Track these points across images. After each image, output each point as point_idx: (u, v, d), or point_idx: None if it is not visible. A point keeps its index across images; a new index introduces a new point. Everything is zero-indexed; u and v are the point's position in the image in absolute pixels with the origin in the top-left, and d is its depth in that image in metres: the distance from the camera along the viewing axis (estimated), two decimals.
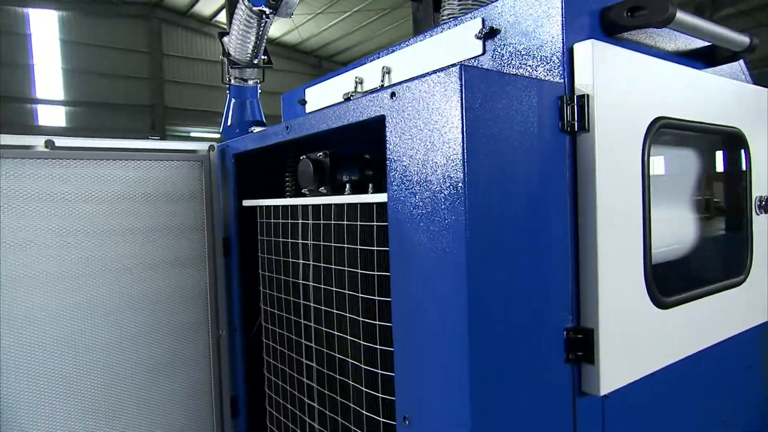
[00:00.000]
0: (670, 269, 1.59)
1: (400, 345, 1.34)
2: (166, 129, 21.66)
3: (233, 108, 4.52)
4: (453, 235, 1.14)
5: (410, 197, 1.26)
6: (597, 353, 1.32)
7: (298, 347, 1.91)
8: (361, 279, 1.55)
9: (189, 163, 2.19)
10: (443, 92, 1.15)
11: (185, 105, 22.52)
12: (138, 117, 20.89)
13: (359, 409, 1.59)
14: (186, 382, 2.18)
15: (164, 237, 2.12)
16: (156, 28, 21.48)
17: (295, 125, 1.75)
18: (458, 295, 1.14)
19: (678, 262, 1.64)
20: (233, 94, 4.50)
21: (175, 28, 22.20)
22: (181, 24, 22.26)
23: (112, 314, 1.99)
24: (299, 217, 1.85)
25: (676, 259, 1.68)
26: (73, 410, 1.89)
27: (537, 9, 1.41)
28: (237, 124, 4.53)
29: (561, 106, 1.32)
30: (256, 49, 4.23)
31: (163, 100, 21.92)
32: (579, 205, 1.35)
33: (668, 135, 1.63)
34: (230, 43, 4.23)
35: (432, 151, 1.19)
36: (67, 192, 1.90)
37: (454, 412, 1.16)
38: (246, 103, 4.53)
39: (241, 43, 4.15)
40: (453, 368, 1.16)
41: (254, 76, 4.46)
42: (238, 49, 4.21)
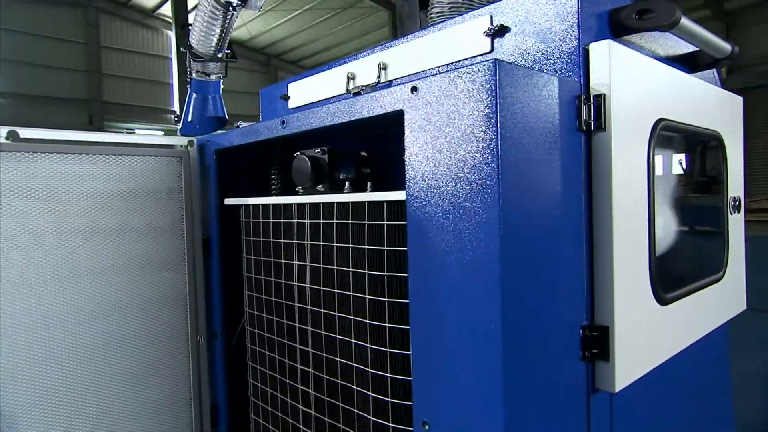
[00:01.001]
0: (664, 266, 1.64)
1: (419, 348, 1.30)
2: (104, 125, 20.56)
3: (194, 103, 4.33)
4: (485, 232, 1.11)
5: (433, 195, 1.22)
6: (612, 350, 1.33)
7: (291, 352, 1.83)
8: (369, 280, 1.50)
9: (167, 159, 2.05)
10: (475, 86, 1.13)
11: (125, 100, 21.47)
12: (74, 111, 19.71)
13: (365, 415, 1.54)
14: (165, 390, 2.04)
15: (141, 237, 1.97)
16: (93, 18, 20.35)
17: (293, 120, 1.67)
18: (490, 294, 1.11)
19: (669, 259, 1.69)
20: (194, 88, 4.31)
21: (114, 19, 21.12)
22: (120, 15, 21.20)
23: (85, 322, 1.83)
24: (294, 216, 1.77)
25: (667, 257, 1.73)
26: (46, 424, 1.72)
27: (550, 8, 1.41)
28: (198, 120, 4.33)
29: (578, 105, 1.33)
30: (221, 43, 4.07)
31: (101, 94, 20.79)
32: (594, 204, 1.36)
33: (662, 137, 1.68)
34: (193, 36, 4.05)
35: (460, 147, 1.16)
36: (33, 188, 1.73)
37: (485, 415, 1.14)
38: (208, 99, 4.34)
39: (204, 35, 3.98)
40: (483, 370, 1.13)
41: (217, 71, 4.29)
42: (202, 42, 4.03)
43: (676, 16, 1.39)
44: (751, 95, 13.53)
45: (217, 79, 4.34)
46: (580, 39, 1.35)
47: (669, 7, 1.38)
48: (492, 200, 1.10)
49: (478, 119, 1.12)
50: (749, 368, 4.70)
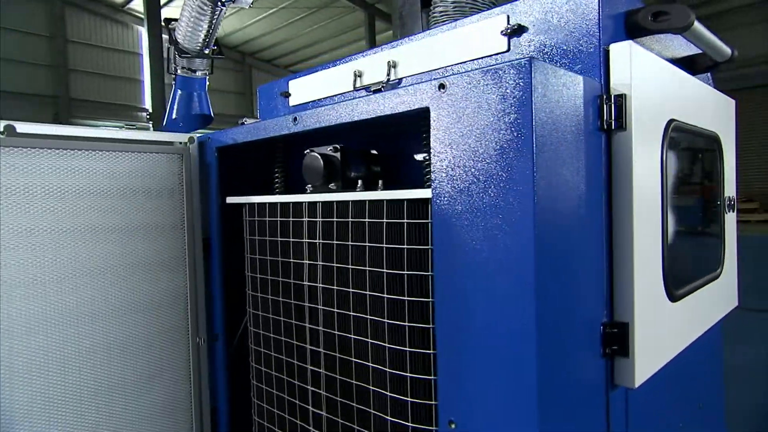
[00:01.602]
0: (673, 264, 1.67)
1: (444, 346, 1.29)
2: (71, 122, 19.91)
3: (179, 100, 4.24)
4: (520, 231, 1.11)
5: (462, 193, 1.22)
6: (632, 347, 1.35)
7: (300, 352, 1.80)
8: (387, 279, 1.48)
9: (167, 156, 1.99)
10: (509, 84, 1.13)
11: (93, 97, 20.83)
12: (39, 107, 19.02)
13: (382, 415, 1.53)
14: (165, 393, 1.98)
15: (141, 237, 1.91)
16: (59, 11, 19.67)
17: (306, 117, 1.64)
18: (525, 292, 1.11)
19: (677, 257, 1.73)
20: (179, 85, 4.22)
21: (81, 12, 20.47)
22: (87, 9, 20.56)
23: (84, 324, 1.76)
24: (305, 215, 1.74)
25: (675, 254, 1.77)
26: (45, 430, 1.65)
27: (569, 9, 1.42)
28: (182, 117, 4.25)
29: (600, 105, 1.35)
30: (208, 39, 4.00)
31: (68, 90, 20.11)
32: (614, 202, 1.38)
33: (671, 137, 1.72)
34: (179, 31, 3.96)
35: (491, 145, 1.16)
36: (31, 185, 1.66)
37: (517, 413, 1.14)
38: (193, 96, 4.26)
39: (191, 31, 3.90)
40: (516, 368, 1.13)
41: (203, 67, 4.21)
42: (188, 38, 3.95)
43: (691, 19, 1.42)
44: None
45: (202, 75, 4.26)
46: (600, 40, 1.37)
47: (684, 10, 1.41)
48: (527, 199, 1.11)
49: (512, 117, 1.13)
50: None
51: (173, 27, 4.03)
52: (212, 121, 4.44)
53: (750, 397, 4.23)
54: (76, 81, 20.44)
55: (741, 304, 2.26)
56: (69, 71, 20.19)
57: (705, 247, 2.03)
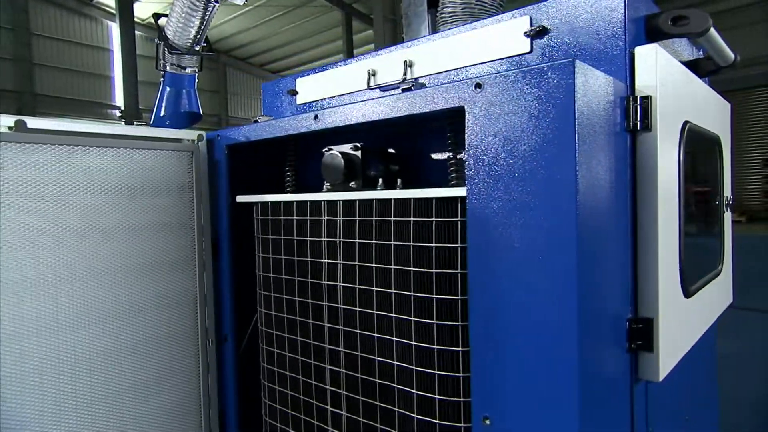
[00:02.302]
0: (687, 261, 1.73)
1: (479, 344, 1.30)
2: None
3: (167, 97, 4.16)
4: (562, 228, 1.13)
5: (501, 190, 1.23)
6: (657, 341, 1.39)
7: (318, 351, 1.79)
8: (414, 277, 1.49)
9: (177, 153, 1.95)
10: (551, 85, 1.15)
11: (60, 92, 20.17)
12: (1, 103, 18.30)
13: (408, 413, 1.53)
14: (175, 395, 1.94)
15: (151, 236, 1.87)
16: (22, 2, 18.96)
17: (328, 115, 1.63)
18: (566, 288, 1.13)
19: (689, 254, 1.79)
20: (168, 82, 4.14)
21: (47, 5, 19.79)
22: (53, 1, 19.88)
23: (95, 325, 1.71)
24: (324, 214, 1.73)
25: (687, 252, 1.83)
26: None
27: (595, 12, 1.46)
28: (171, 115, 4.17)
29: (626, 106, 1.38)
30: (199, 35, 3.94)
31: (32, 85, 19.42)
32: (638, 201, 1.42)
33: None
34: (169, 27, 3.88)
35: (531, 143, 1.18)
36: (42, 183, 1.60)
37: (557, 408, 1.16)
38: (182, 93, 4.19)
39: (182, 27, 3.84)
40: (556, 365, 1.15)
41: (193, 64, 4.14)
42: (179, 34, 3.88)
43: (709, 24, 1.47)
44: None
45: (192, 72, 4.19)
46: (626, 42, 1.41)
47: (702, 15, 1.46)
48: (570, 196, 1.13)
49: (555, 116, 1.15)
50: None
51: (163, 23, 3.95)
52: (201, 119, 4.36)
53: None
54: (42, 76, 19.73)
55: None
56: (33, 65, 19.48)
57: (709, 245, 2.11)
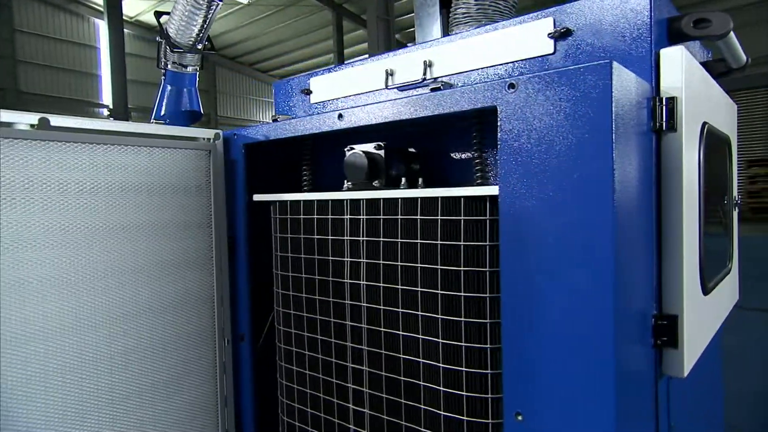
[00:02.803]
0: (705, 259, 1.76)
1: (511, 341, 1.32)
2: None
3: (168, 96, 4.13)
4: (599, 225, 1.15)
5: (535, 189, 1.25)
6: (682, 337, 1.42)
7: (340, 350, 1.80)
8: (442, 275, 1.50)
9: (195, 152, 1.95)
10: (587, 86, 1.17)
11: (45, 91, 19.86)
12: None
13: (434, 410, 1.54)
14: (193, 396, 1.93)
15: (170, 234, 1.86)
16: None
17: (353, 114, 1.64)
18: (603, 286, 1.15)
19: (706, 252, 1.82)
20: (169, 80, 4.12)
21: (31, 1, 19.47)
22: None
23: (116, 324, 1.70)
24: (346, 212, 1.74)
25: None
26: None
27: (620, 14, 1.48)
28: (171, 114, 4.15)
29: (653, 106, 1.41)
30: (201, 34, 3.92)
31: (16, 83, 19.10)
32: (663, 200, 1.45)
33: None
34: (171, 25, 3.86)
35: (567, 142, 1.20)
36: (65, 181, 1.59)
37: (592, 404, 1.18)
38: (183, 92, 4.17)
39: (185, 25, 3.82)
40: (592, 361, 1.17)
41: (194, 63, 4.13)
42: (181, 32, 3.87)
43: (730, 27, 1.50)
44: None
45: (193, 71, 4.17)
46: (652, 44, 1.43)
47: (724, 18, 1.49)
48: (607, 194, 1.15)
49: (591, 116, 1.16)
50: None
51: (165, 21, 3.92)
52: (201, 117, 4.34)
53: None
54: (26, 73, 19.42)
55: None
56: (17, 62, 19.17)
57: (721, 244, 2.15)
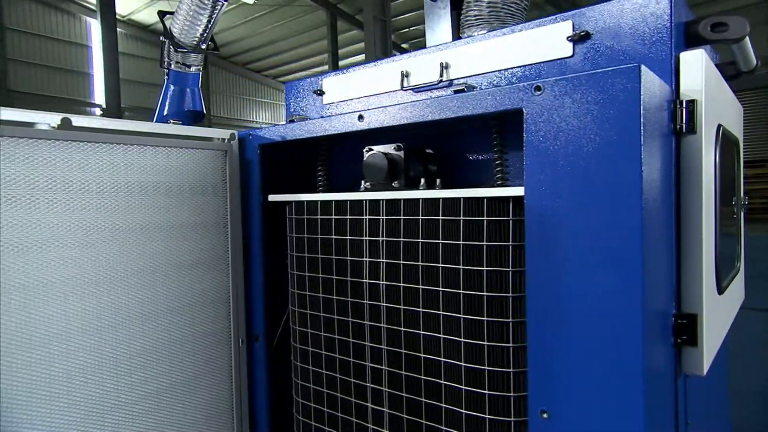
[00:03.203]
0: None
1: (537, 340, 1.33)
2: None
3: (171, 96, 4.12)
4: (627, 225, 1.17)
5: (561, 190, 1.27)
6: (701, 336, 1.44)
7: (357, 349, 1.81)
8: (464, 275, 1.52)
9: (212, 152, 1.95)
10: (615, 89, 1.18)
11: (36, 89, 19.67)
12: None
13: (456, 408, 1.56)
14: (208, 397, 1.93)
15: (188, 235, 1.86)
16: None
17: (374, 115, 1.65)
18: (632, 286, 1.17)
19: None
20: (172, 80, 4.11)
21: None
22: None
23: (136, 325, 1.70)
24: (365, 213, 1.75)
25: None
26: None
27: (640, 17, 1.51)
28: (174, 114, 4.14)
29: (673, 109, 1.43)
30: (206, 34, 3.92)
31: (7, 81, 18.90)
32: (682, 201, 1.47)
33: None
34: (175, 25, 3.85)
35: (594, 144, 1.22)
36: (87, 181, 1.58)
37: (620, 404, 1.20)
38: (186, 91, 4.16)
39: (189, 25, 3.82)
40: (620, 360, 1.19)
41: (198, 62, 4.12)
42: (185, 32, 3.86)
43: (747, 31, 1.53)
44: None
45: (196, 71, 4.16)
46: (672, 47, 1.46)
47: (741, 22, 1.52)
48: (635, 196, 1.17)
49: (619, 118, 1.18)
50: None
51: (169, 21, 3.91)
52: (204, 117, 4.33)
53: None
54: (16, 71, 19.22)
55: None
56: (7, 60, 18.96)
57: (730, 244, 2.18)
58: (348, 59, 22.76)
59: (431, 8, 2.53)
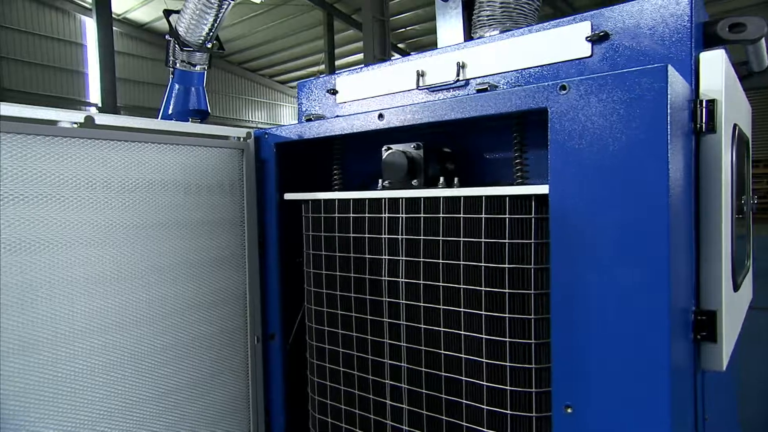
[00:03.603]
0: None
1: (561, 336, 1.35)
2: None
3: (176, 95, 4.12)
4: (655, 224, 1.19)
5: (587, 189, 1.28)
6: (721, 332, 1.47)
7: (376, 346, 1.82)
8: (486, 273, 1.53)
9: (229, 151, 1.95)
10: (642, 88, 1.20)
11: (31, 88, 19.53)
12: None
13: (476, 404, 1.57)
14: (225, 394, 1.94)
15: (204, 232, 1.86)
16: None
17: (394, 114, 1.66)
18: (658, 283, 1.19)
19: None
20: (177, 79, 4.10)
21: None
22: None
23: (156, 322, 1.70)
24: (384, 211, 1.76)
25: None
26: None
27: (660, 18, 1.52)
28: (178, 113, 4.14)
29: (694, 109, 1.45)
30: (212, 33, 3.92)
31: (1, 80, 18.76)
32: (702, 199, 1.49)
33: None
34: (181, 23, 3.85)
35: (620, 143, 1.24)
36: (109, 178, 1.59)
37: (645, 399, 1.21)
38: (191, 90, 4.16)
39: (195, 23, 3.82)
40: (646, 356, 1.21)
41: (203, 61, 4.12)
42: (191, 31, 3.86)
43: (765, 32, 1.56)
44: None
45: (201, 70, 4.16)
46: (692, 48, 1.48)
47: (759, 23, 1.54)
48: (662, 194, 1.18)
49: (646, 117, 1.20)
50: None
51: (174, 20, 3.91)
52: (208, 116, 4.32)
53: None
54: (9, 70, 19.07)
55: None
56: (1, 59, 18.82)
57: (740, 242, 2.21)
58: (344, 59, 22.74)
59: (443, 8, 2.54)
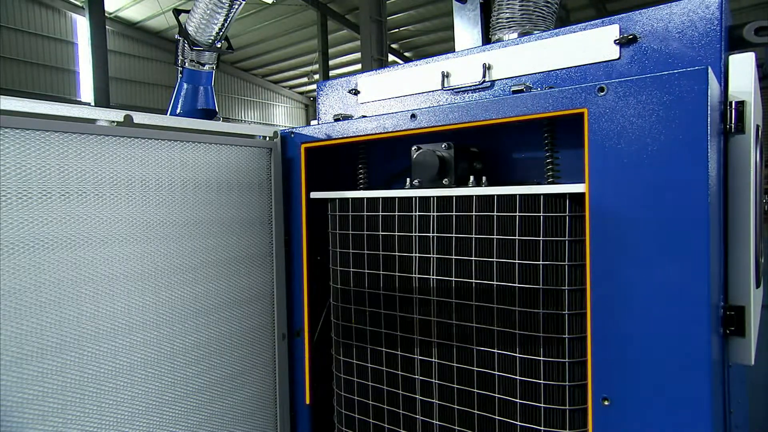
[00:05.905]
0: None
1: (600, 330, 1.39)
2: None
3: (185, 94, 4.13)
4: (695, 222, 1.23)
5: (626, 188, 1.32)
6: (749, 327, 1.51)
7: (406, 343, 1.84)
8: (520, 269, 1.56)
9: (258, 150, 1.97)
10: (682, 90, 1.24)
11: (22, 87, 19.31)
12: None
13: (509, 398, 1.60)
14: (253, 392, 1.96)
15: (234, 231, 1.88)
16: None
17: (426, 114, 1.69)
18: (698, 279, 1.23)
19: None
20: (186, 78, 4.11)
21: None
22: None
23: (189, 319, 1.72)
24: (414, 209, 1.79)
25: None
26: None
27: (689, 21, 1.57)
28: (187, 112, 4.15)
29: (724, 110, 1.50)
30: (221, 32, 3.93)
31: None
32: (730, 198, 1.54)
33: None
34: (191, 23, 3.86)
35: (659, 144, 1.27)
36: (146, 177, 1.60)
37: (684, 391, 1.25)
38: (199, 90, 4.18)
39: (206, 23, 3.83)
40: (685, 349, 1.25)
41: (212, 61, 4.13)
42: (201, 30, 3.87)
43: None
44: None
45: (209, 69, 4.17)
46: (721, 50, 1.52)
47: None
48: (702, 193, 1.22)
49: (685, 120, 1.24)
50: None
51: (184, 19, 3.92)
52: (216, 115, 4.33)
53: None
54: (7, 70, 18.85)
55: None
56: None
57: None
58: (338, 59, 22.74)
59: (460, 10, 2.58)
